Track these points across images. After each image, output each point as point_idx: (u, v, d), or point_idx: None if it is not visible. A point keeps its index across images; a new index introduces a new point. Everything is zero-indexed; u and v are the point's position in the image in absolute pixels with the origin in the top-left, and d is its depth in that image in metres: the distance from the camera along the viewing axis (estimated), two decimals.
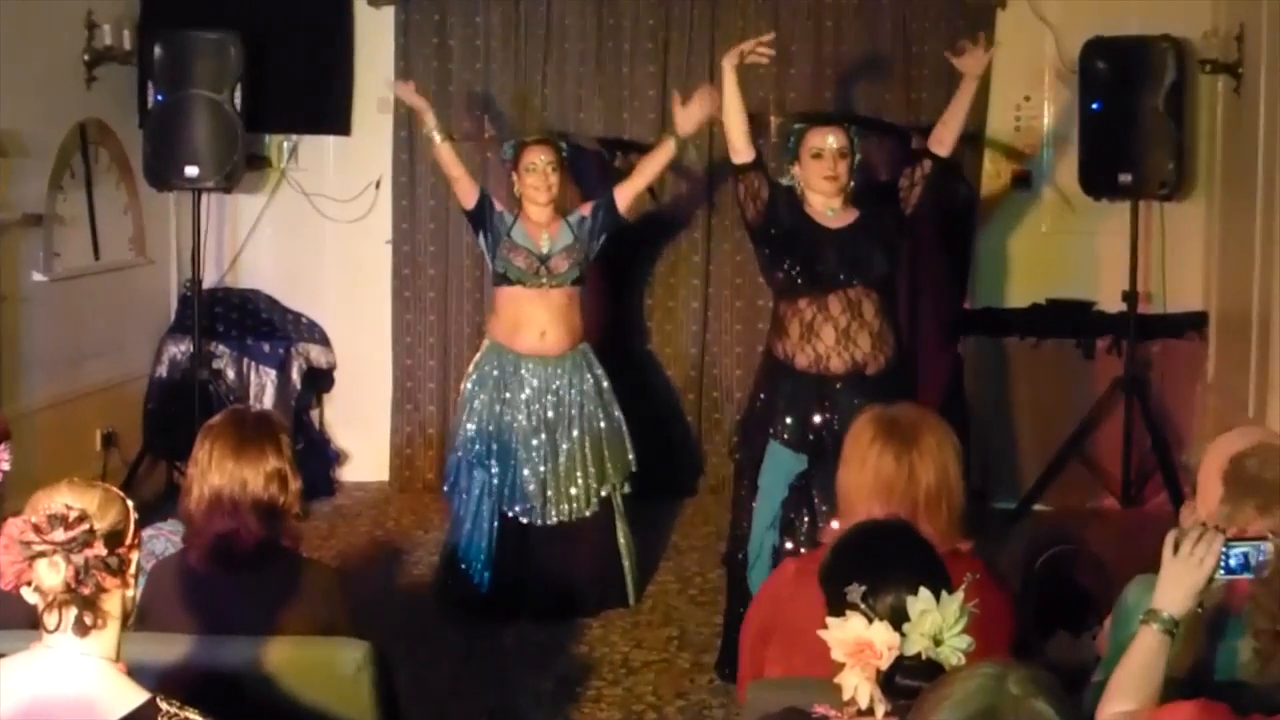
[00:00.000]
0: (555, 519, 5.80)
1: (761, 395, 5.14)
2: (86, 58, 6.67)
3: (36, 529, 2.28)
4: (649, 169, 5.93)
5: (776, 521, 4.94)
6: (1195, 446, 3.67)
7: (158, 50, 6.68)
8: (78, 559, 2.29)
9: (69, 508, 2.30)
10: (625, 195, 5.92)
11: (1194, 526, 2.74)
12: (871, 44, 7.29)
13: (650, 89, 7.33)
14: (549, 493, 5.79)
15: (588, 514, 5.85)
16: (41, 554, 2.28)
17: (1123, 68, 6.68)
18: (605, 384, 5.97)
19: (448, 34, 7.42)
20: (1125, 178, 6.66)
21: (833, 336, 4.97)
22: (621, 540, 5.95)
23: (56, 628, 2.31)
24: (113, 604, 2.35)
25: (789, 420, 4.99)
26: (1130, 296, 6.84)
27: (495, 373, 5.85)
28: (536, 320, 5.82)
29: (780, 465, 4.97)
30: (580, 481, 5.82)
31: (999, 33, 7.15)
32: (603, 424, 5.89)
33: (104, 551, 2.30)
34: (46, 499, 2.35)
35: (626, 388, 6.18)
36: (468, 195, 5.84)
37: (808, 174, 5.12)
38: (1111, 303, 7.08)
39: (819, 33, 7.29)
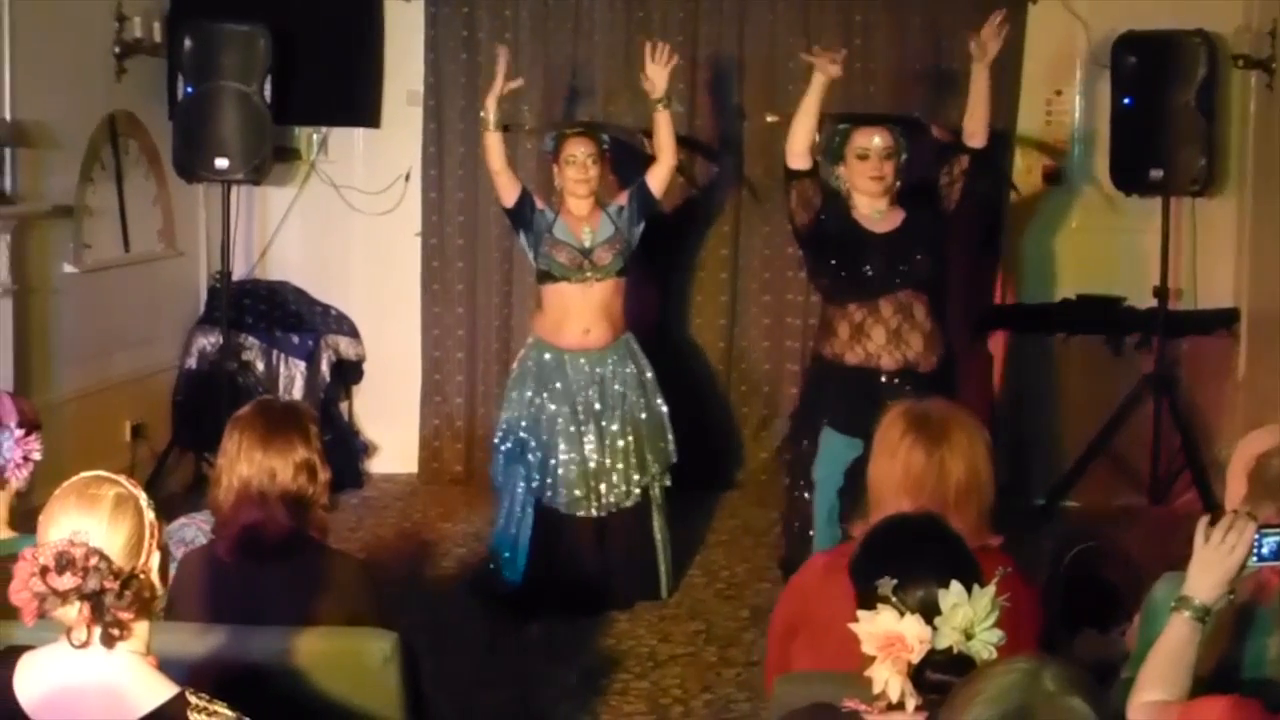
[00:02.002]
0: (595, 511, 5.79)
1: (810, 393, 5.11)
2: (116, 50, 6.69)
3: (45, 573, 2.23)
4: (663, 146, 5.88)
5: (834, 513, 4.88)
6: (1227, 442, 3.64)
7: (187, 42, 6.69)
8: (92, 599, 2.25)
9: (73, 543, 2.25)
10: (656, 177, 5.89)
11: (1225, 514, 2.72)
12: (900, 38, 7.26)
13: (679, 83, 7.29)
14: (590, 483, 5.78)
15: (628, 504, 5.84)
16: (54, 604, 2.25)
17: (1154, 63, 6.65)
18: (649, 374, 5.95)
19: (477, 27, 7.41)
20: (1156, 173, 6.63)
21: (883, 337, 4.95)
22: (657, 532, 5.93)
23: (84, 644, 2.27)
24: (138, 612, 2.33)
25: (840, 405, 4.94)
26: (1161, 293, 6.80)
27: (535, 368, 5.85)
28: (581, 317, 5.80)
29: (834, 453, 4.92)
30: (621, 472, 5.82)
31: (1030, 27, 7.13)
32: (644, 414, 5.88)
33: (116, 587, 2.26)
34: (60, 511, 2.31)
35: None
36: (509, 192, 5.81)
37: (853, 175, 5.09)
38: (1142, 299, 7.04)
39: (847, 27, 7.25)
